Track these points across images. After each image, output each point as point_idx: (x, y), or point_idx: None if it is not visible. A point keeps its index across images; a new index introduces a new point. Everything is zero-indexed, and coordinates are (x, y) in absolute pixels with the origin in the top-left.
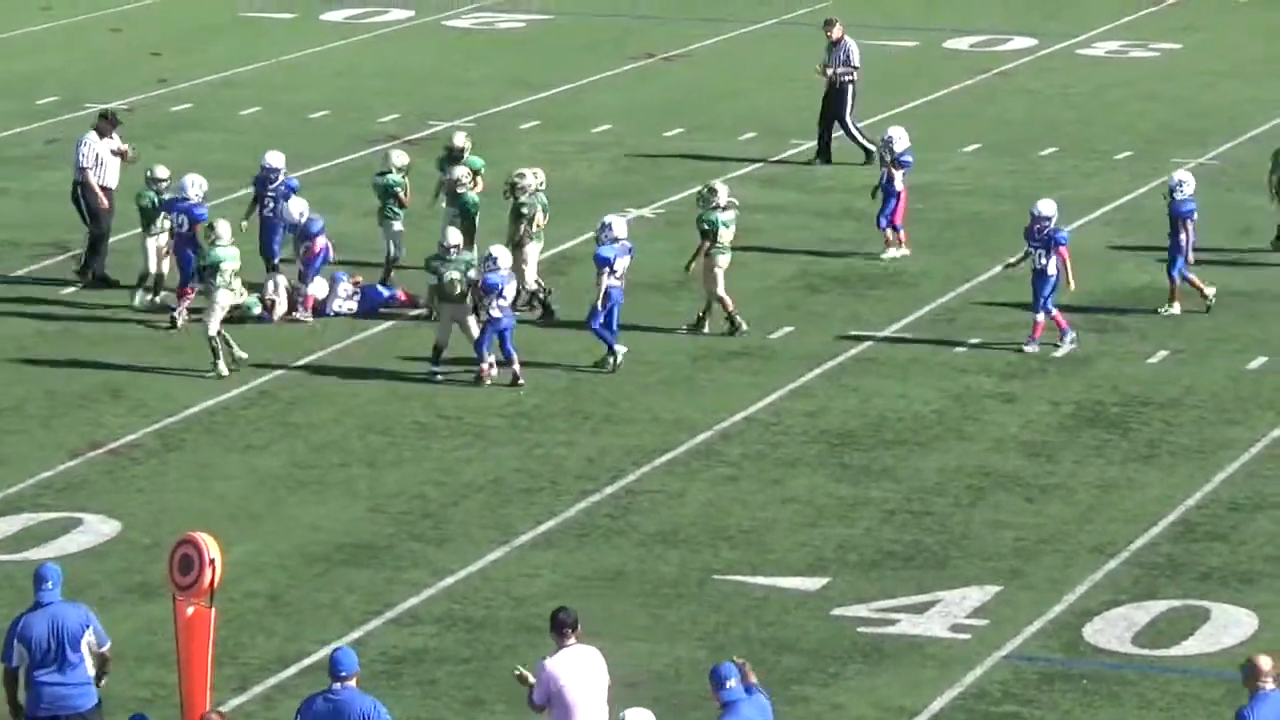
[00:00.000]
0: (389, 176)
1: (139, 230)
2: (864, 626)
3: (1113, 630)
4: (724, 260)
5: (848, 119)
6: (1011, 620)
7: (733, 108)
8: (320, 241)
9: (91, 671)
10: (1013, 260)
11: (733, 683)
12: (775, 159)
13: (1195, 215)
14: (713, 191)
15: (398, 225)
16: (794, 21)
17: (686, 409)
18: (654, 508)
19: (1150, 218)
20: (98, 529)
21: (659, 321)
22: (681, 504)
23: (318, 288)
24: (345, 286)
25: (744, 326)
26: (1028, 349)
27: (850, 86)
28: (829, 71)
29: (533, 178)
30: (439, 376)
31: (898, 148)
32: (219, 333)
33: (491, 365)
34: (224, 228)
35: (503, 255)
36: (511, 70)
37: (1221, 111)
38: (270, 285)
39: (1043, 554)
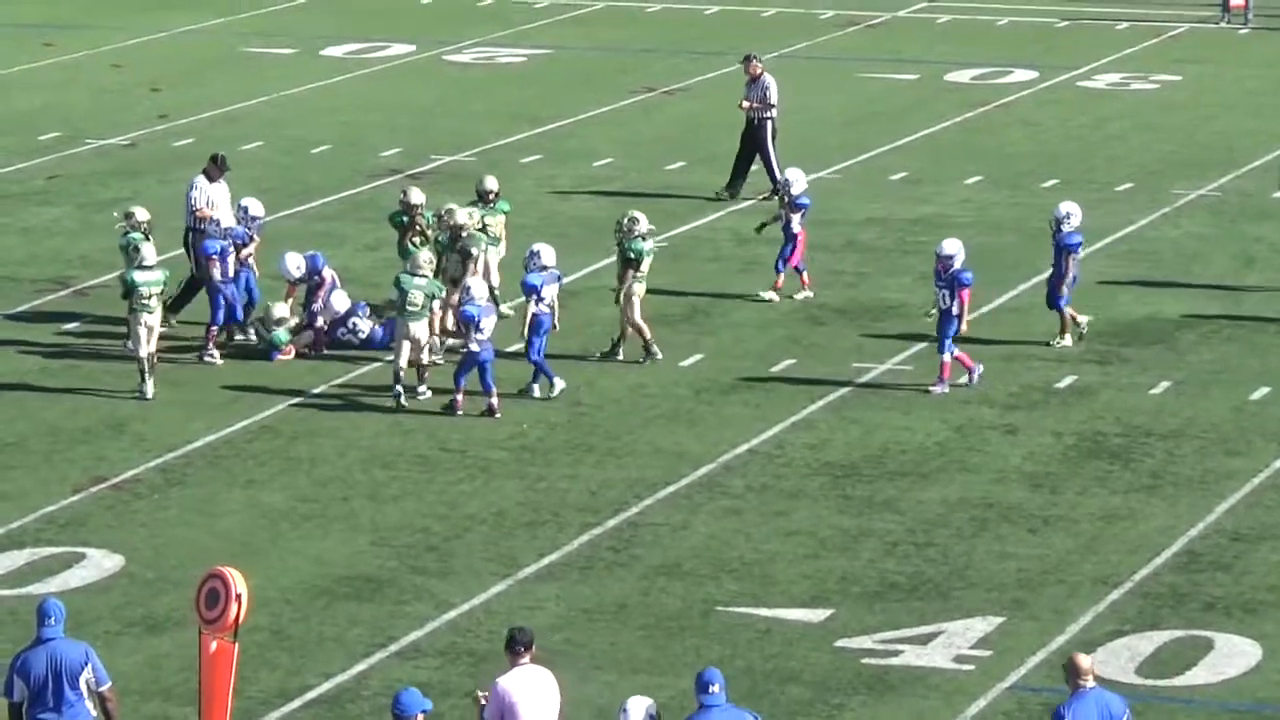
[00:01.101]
0: (393, 215)
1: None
2: (868, 658)
3: (1116, 661)
4: (640, 289)
5: (770, 152)
6: (1015, 651)
7: (733, 141)
8: (327, 273)
9: (93, 711)
10: (931, 311)
11: (716, 688)
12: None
13: (1080, 248)
14: (634, 220)
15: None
16: (791, 55)
17: (689, 441)
18: (657, 540)
19: (1152, 249)
20: (101, 564)
21: (662, 354)
22: (685, 536)
23: (339, 300)
24: (364, 315)
25: (658, 355)
26: (935, 390)
27: (769, 123)
28: (745, 105)
29: (467, 217)
30: (405, 401)
31: (795, 190)
32: (148, 355)
33: (462, 395)
34: (149, 250)
35: (478, 286)
36: (513, 104)
37: (1222, 143)
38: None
39: (1046, 585)
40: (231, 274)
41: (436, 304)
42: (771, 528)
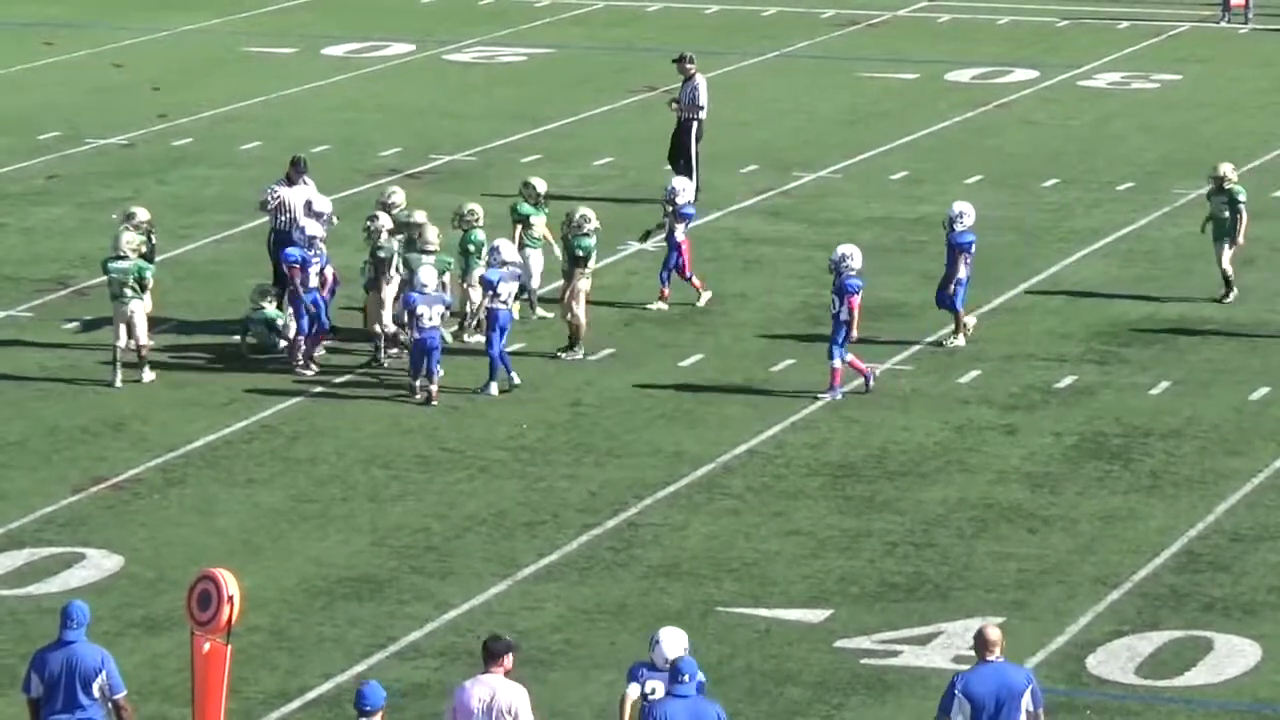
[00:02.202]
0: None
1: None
2: (867, 658)
3: (1116, 661)
4: (586, 285)
5: (693, 156)
6: (1014, 651)
7: (734, 140)
8: (328, 272)
9: (107, 717)
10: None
11: (686, 678)
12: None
13: (974, 248)
14: (585, 218)
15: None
16: (795, 54)
17: (688, 442)
18: (657, 540)
19: (1152, 249)
20: (100, 564)
21: (661, 355)
22: (684, 536)
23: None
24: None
25: (579, 355)
26: (825, 397)
27: (695, 125)
28: (674, 106)
29: (386, 219)
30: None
31: (680, 200)
32: (136, 346)
33: (425, 384)
34: (126, 240)
35: (425, 274)
36: (513, 104)
37: (1222, 142)
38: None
39: (1045, 585)
40: (314, 281)
41: (447, 277)
42: (771, 528)
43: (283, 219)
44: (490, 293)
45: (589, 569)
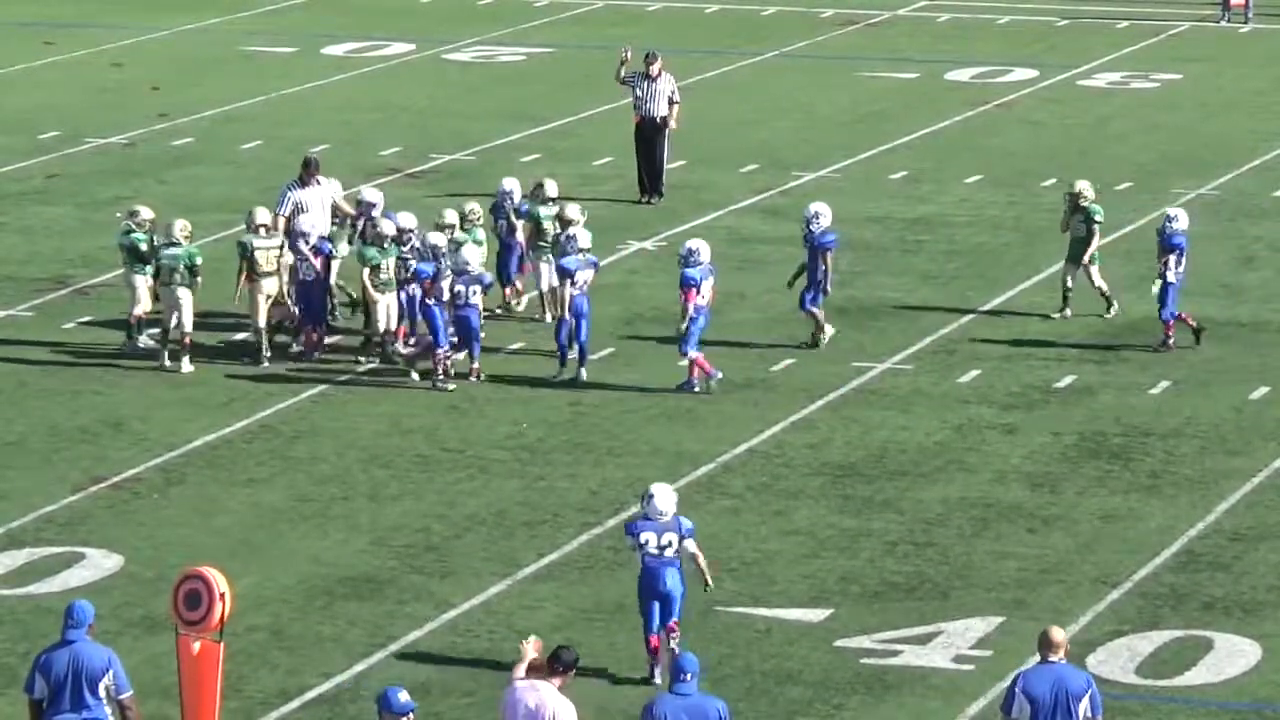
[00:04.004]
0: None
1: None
2: (867, 658)
3: (1116, 660)
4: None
5: (663, 156)
6: (1015, 651)
7: (734, 140)
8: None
9: (111, 717)
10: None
11: (689, 676)
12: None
13: (835, 248)
14: (579, 211)
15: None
16: (792, 54)
17: (689, 441)
18: None
19: (1152, 249)
20: (100, 563)
21: (661, 353)
22: None
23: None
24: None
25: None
26: (696, 389)
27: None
28: (673, 123)
29: (264, 213)
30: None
31: (517, 198)
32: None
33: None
34: (180, 225)
35: (468, 251)
36: (512, 103)
37: (1222, 142)
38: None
39: (1045, 584)
40: (446, 294)
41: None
42: (771, 527)
43: (299, 220)
44: (569, 280)
45: (589, 568)
